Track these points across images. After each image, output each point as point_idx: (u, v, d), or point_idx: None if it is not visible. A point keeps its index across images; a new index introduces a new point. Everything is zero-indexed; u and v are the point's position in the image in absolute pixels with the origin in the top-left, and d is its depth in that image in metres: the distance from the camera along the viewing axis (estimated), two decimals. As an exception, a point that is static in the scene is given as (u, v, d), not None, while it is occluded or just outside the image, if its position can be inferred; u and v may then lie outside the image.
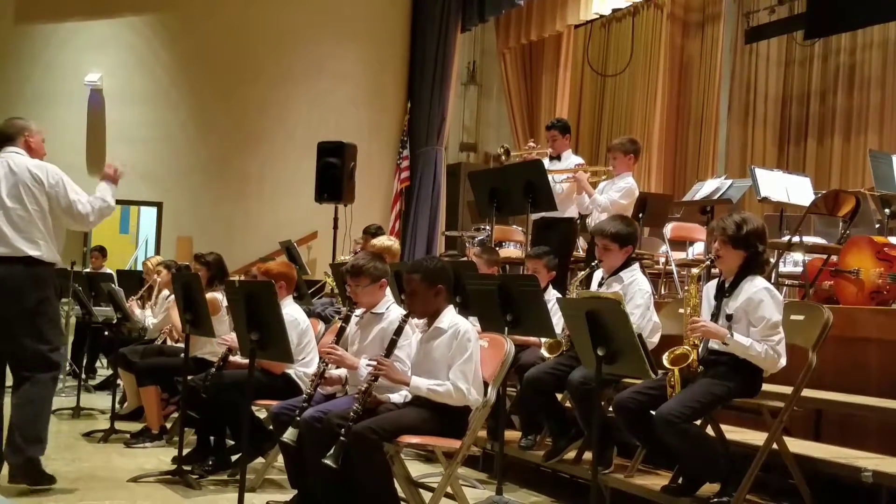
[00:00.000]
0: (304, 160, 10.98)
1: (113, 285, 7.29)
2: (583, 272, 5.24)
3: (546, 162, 7.13)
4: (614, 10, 12.30)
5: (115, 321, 7.09)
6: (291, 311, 5.24)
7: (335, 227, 9.93)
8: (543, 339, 5.15)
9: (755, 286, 3.95)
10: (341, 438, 3.91)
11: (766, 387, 4.06)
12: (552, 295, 5.41)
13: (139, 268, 10.24)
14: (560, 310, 4.53)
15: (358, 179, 10.36)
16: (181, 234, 11.89)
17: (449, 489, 4.12)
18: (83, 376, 8.90)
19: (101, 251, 10.61)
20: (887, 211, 5.92)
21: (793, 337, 3.99)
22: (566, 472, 5.21)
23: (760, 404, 4.05)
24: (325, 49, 12.34)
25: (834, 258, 5.81)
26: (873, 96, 10.62)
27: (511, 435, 5.42)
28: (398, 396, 4.25)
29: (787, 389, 4.04)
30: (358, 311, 4.62)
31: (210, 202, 12.02)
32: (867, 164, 7.56)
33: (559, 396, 5.10)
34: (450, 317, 4.21)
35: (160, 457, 5.80)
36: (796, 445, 4.22)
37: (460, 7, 12.56)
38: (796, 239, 6.21)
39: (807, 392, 4.10)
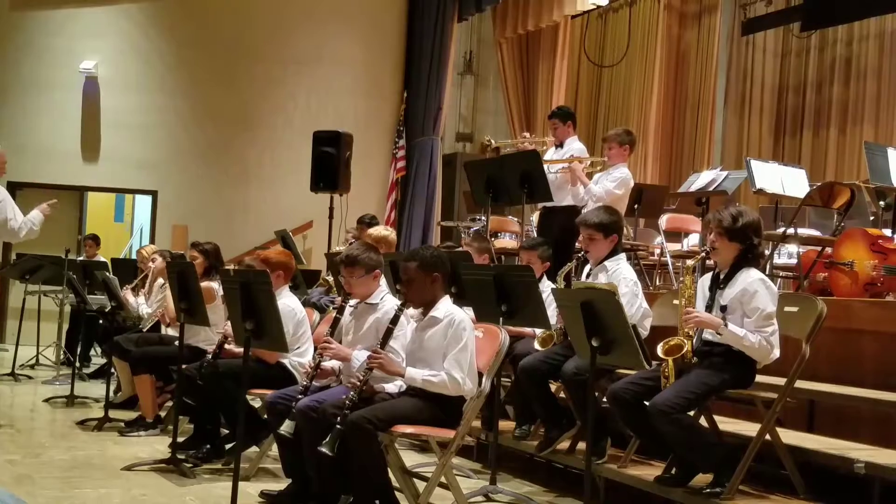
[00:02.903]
0: (300, 149, 10.95)
1: (107, 273, 7.26)
2: (568, 264, 5.26)
3: (551, 150, 7.14)
4: (611, 1, 12.28)
5: (109, 309, 7.07)
6: (288, 300, 5.24)
7: (331, 217, 9.90)
8: (537, 333, 5.16)
9: (750, 277, 3.97)
10: (337, 427, 3.92)
11: (759, 378, 4.08)
12: (547, 286, 5.42)
13: (134, 256, 10.22)
14: (555, 300, 4.55)
15: (354, 169, 10.32)
16: (176, 223, 11.85)
17: (443, 479, 4.13)
18: (77, 365, 8.89)
19: (95, 239, 10.61)
20: (882, 203, 5.94)
21: (787, 328, 4.01)
22: (560, 463, 5.22)
23: (754, 395, 4.07)
24: (322, 38, 12.29)
25: (828, 250, 5.82)
26: (869, 87, 10.63)
27: (505, 425, 5.43)
28: (393, 386, 4.26)
29: (781, 381, 4.06)
30: (352, 302, 4.63)
31: (206, 190, 11.98)
32: (863, 156, 7.57)
33: (553, 386, 5.11)
34: (445, 306, 4.22)
35: (155, 445, 5.80)
36: (789, 436, 4.25)
37: (457, -4, 12.53)
38: (791, 231, 6.23)
39: (800, 383, 4.11)
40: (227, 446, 5.38)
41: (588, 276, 4.98)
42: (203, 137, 12.03)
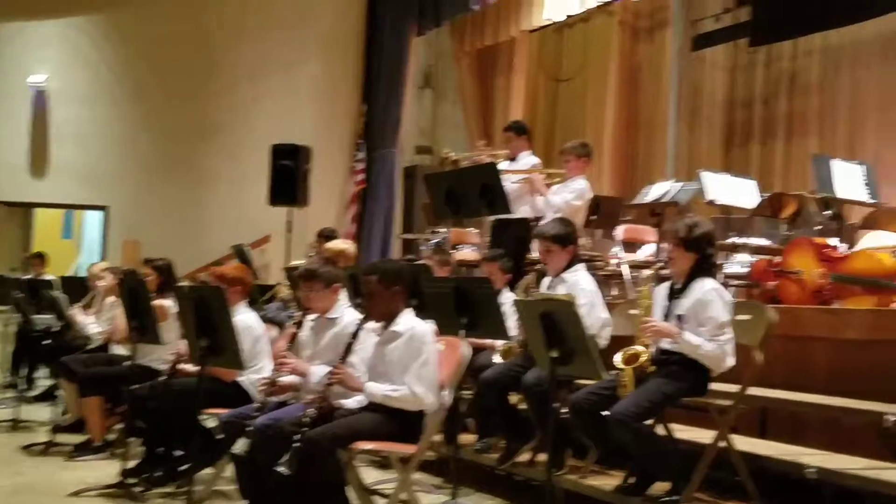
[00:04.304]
0: (257, 162, 10.88)
1: (56, 292, 7.08)
2: (528, 276, 5.30)
3: (505, 163, 7.19)
4: (567, 16, 12.41)
5: (56, 329, 6.89)
6: (245, 317, 5.16)
7: (289, 231, 9.87)
8: (498, 345, 5.19)
9: (705, 287, 4.05)
10: (295, 445, 3.88)
11: (713, 385, 4.15)
12: (508, 297, 5.45)
13: (83, 273, 10.04)
14: (516, 311, 4.59)
15: (313, 182, 10.31)
16: (128, 238, 11.65)
17: (404, 495, 4.12)
18: (23, 387, 8.64)
19: (42, 257, 10.32)
20: (827, 213, 6.08)
21: (739, 336, 4.09)
22: (521, 475, 5.24)
23: (708, 403, 4.14)
24: (280, 50, 12.23)
25: (777, 259, 5.94)
26: (814, 101, 10.87)
27: (466, 438, 5.45)
28: (353, 402, 4.23)
29: (735, 388, 4.14)
30: (311, 316, 4.61)
31: (159, 205, 11.79)
32: (808, 167, 7.74)
33: (513, 398, 5.14)
34: (406, 319, 4.23)
35: (104, 469, 5.56)
36: (743, 443, 4.32)
37: (416, 11, 12.57)
38: (742, 240, 6.35)
39: (753, 390, 4.20)
40: (181, 469, 5.17)
41: (548, 287, 5.03)
42: (156, 150, 11.86)
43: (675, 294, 4.15)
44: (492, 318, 4.78)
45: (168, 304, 5.76)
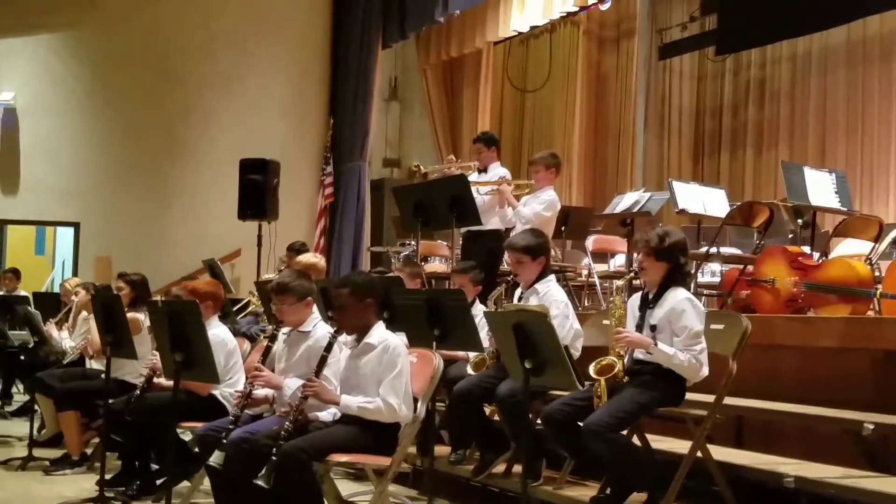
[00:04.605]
0: (226, 176, 10.82)
1: (29, 308, 7.06)
2: (499, 287, 5.29)
3: (474, 175, 7.19)
4: (532, 28, 12.47)
5: (32, 345, 6.88)
6: (218, 331, 5.14)
7: (259, 245, 9.81)
8: (471, 356, 5.17)
9: (678, 297, 4.05)
10: (273, 458, 3.86)
11: (688, 395, 4.16)
12: (479, 309, 5.44)
13: (56, 289, 9.93)
14: (488, 323, 4.57)
15: (281, 195, 10.26)
16: (99, 254, 11.58)
17: (380, 507, 4.10)
18: (-2, 402, 8.59)
19: (16, 273, 10.32)
20: (800, 221, 6.14)
21: (713, 346, 4.10)
22: (496, 486, 5.22)
23: (684, 413, 4.14)
24: (246, 63, 12.19)
25: (750, 268, 5.98)
26: (783, 109, 11.01)
27: (441, 450, 5.42)
28: (327, 414, 4.23)
29: (710, 398, 4.15)
30: (284, 330, 4.58)
31: (130, 220, 11.72)
32: (778, 176, 7.83)
33: (487, 410, 5.12)
34: (379, 332, 4.22)
35: (81, 483, 5.61)
36: (719, 452, 4.33)
37: (381, 24, 12.56)
38: (714, 250, 6.39)
39: (728, 400, 4.21)
40: (158, 482, 5.23)
41: (519, 299, 5.02)
42: (127, 166, 11.80)
43: (647, 304, 4.15)
44: (464, 329, 4.75)
45: (140, 317, 5.77)
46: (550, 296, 4.87)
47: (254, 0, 12.28)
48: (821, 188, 5.88)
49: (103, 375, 5.36)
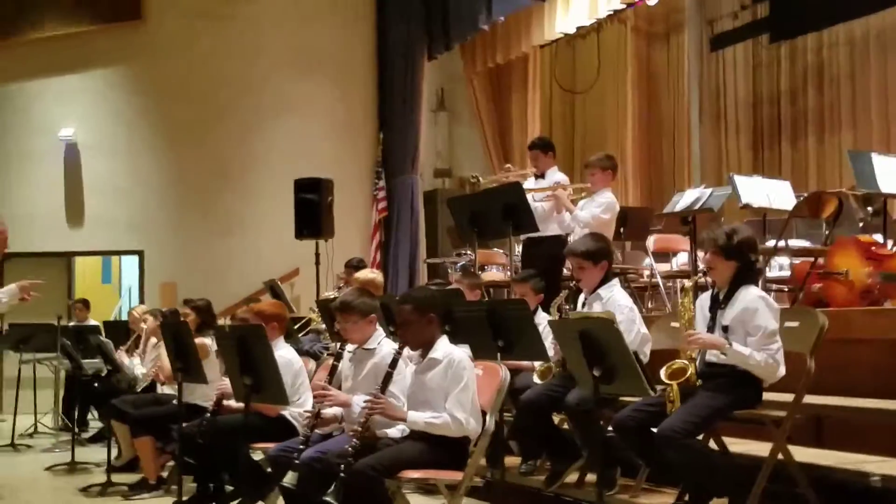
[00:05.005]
0: (281, 197, 10.93)
1: (101, 337, 7.23)
2: (560, 295, 5.22)
3: (531, 181, 7.13)
4: (578, 28, 12.36)
5: (105, 373, 7.03)
6: (284, 352, 5.17)
7: (317, 263, 9.88)
8: (536, 365, 5.11)
9: (750, 295, 3.94)
10: (342, 476, 3.86)
11: (766, 395, 4.03)
12: (542, 317, 5.38)
13: (124, 317, 10.16)
14: (552, 332, 4.51)
15: (336, 213, 10.32)
16: (164, 281, 11.82)
17: (454, 522, 4.06)
18: (76, 430, 8.78)
19: (85, 303, 10.58)
20: (870, 209, 5.95)
21: (789, 343, 3.97)
22: (569, 496, 5.13)
23: (762, 415, 4.02)
24: (295, 87, 12.32)
25: (821, 260, 5.81)
26: (844, 94, 10.71)
27: (511, 461, 5.36)
28: (396, 431, 4.21)
29: (788, 397, 4.02)
30: (350, 347, 4.58)
31: (191, 246, 11.95)
32: (843, 163, 7.61)
33: (556, 418, 5.05)
34: (444, 346, 4.19)
35: (160, 507, 5.72)
36: (800, 453, 4.20)
37: (425, 36, 12.58)
38: (782, 243, 6.21)
39: (807, 398, 4.08)
40: (233, 503, 5.25)
41: (583, 305, 4.94)
42: (184, 194, 12.05)
43: (718, 304, 4.04)
44: (528, 339, 4.70)
45: (208, 342, 5.86)
46: (615, 301, 4.77)
47: (297, 25, 12.41)
48: (890, 174, 5.69)
49: (175, 401, 5.42)
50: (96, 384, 7.96)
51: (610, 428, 4.35)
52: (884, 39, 10.26)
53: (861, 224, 6.17)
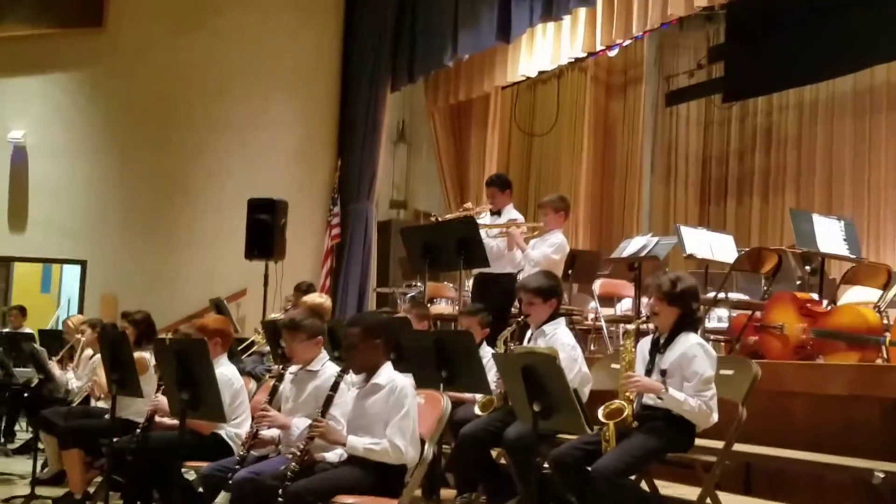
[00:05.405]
0: (233, 216, 10.85)
1: (35, 345, 7.05)
2: (508, 328, 5.29)
3: (487, 217, 7.21)
4: (540, 73, 12.58)
5: (36, 382, 6.85)
6: (225, 370, 5.07)
7: (265, 284, 9.81)
8: (478, 398, 5.15)
9: (689, 342, 4.05)
10: (279, 500, 3.83)
11: (698, 441, 4.13)
12: (487, 351, 5.42)
13: (60, 327, 9.94)
14: (496, 365, 4.56)
15: (288, 235, 10.29)
16: (105, 292, 11.57)
17: (385, 550, 4.05)
18: (1, 440, 8.52)
19: (22, 310, 10.34)
20: (808, 268, 6.14)
21: (723, 391, 4.08)
22: (502, 531, 5.15)
23: (694, 459, 4.11)
24: (255, 104, 12.27)
25: (758, 314, 5.97)
26: (790, 156, 11.07)
27: (446, 493, 5.36)
28: (334, 455, 4.20)
29: (718, 443, 4.12)
30: (292, 369, 4.57)
31: (136, 259, 11.71)
32: (785, 222, 7.85)
33: (494, 452, 5.08)
34: (387, 372, 4.20)
35: (84, 523, 5.57)
36: (728, 500, 4.29)
37: (390, 67, 12.68)
38: (722, 295, 6.38)
39: (737, 446, 4.18)
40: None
41: (529, 340, 5.01)
42: (134, 205, 11.83)
43: (658, 348, 4.14)
44: (472, 371, 4.75)
45: (147, 356, 5.73)
46: (558, 339, 4.85)
47: (264, 44, 12.36)
48: (829, 235, 5.89)
49: (107, 415, 5.32)
50: (26, 393, 7.77)
51: (546, 465, 4.40)
52: (831, 106, 10.65)
53: (798, 282, 6.36)
